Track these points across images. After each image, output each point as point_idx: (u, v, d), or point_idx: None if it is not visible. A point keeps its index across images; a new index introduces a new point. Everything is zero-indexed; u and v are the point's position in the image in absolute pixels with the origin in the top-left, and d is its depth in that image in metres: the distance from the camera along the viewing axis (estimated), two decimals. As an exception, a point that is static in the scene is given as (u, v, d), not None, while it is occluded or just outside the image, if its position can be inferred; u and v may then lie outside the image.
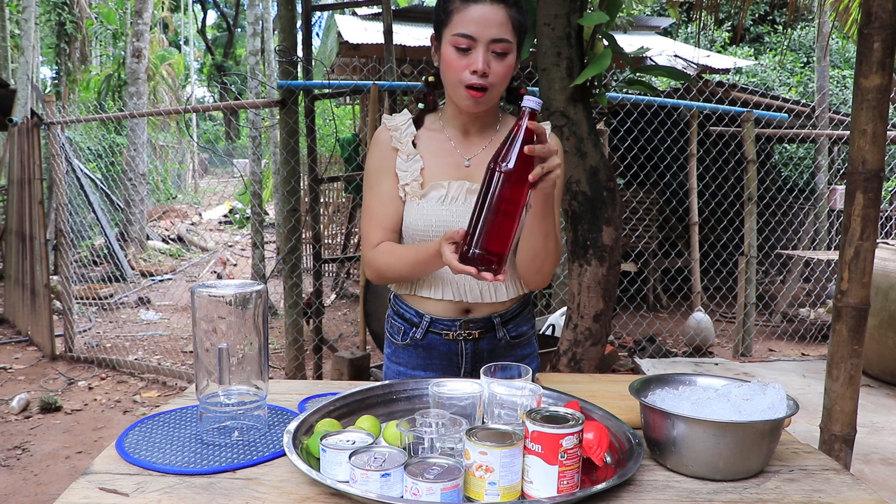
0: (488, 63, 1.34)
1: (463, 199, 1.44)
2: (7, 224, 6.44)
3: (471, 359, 1.52)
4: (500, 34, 1.34)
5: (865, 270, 1.65)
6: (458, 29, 1.34)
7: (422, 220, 1.44)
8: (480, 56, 1.33)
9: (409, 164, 1.46)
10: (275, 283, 6.57)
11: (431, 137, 1.49)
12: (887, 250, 4.28)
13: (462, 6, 1.34)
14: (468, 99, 1.37)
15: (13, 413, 4.05)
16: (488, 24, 1.33)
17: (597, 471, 1.06)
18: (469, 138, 1.49)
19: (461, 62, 1.35)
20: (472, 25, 1.33)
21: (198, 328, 1.19)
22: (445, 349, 1.51)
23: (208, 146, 19.68)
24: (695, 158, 5.27)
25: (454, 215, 1.43)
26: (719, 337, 5.71)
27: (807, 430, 2.41)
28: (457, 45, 1.35)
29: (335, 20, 7.54)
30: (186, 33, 22.53)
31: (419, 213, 1.45)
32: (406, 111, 1.53)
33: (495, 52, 1.35)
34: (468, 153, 1.48)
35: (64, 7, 13.80)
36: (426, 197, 1.45)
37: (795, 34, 12.36)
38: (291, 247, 3.98)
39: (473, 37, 1.33)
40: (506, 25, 1.34)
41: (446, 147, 1.48)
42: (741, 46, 12.50)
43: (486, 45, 1.34)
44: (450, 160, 1.47)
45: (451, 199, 1.44)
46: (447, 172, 1.46)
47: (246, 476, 1.06)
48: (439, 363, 1.52)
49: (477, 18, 1.33)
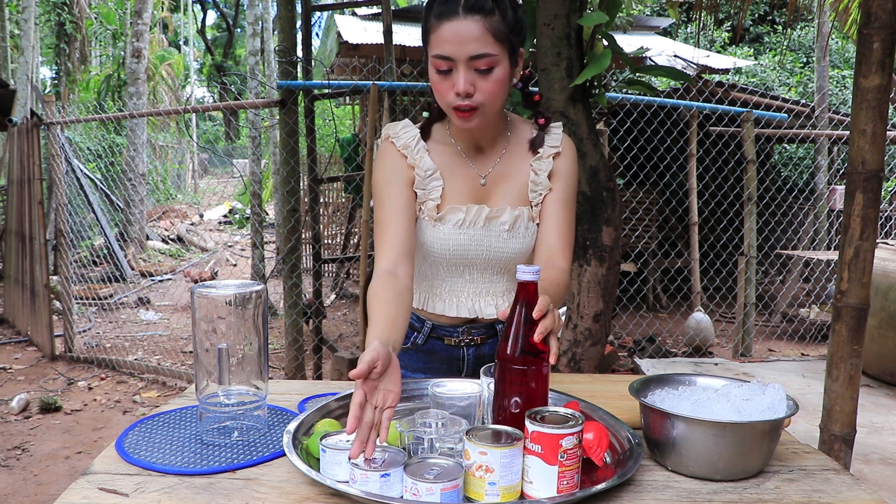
0: (471, 83, 1.24)
1: (481, 224, 1.38)
2: (7, 224, 6.44)
3: (472, 364, 1.50)
4: (478, 50, 1.22)
5: (865, 270, 1.65)
6: (436, 50, 1.25)
7: (438, 243, 1.39)
8: (462, 77, 1.24)
9: (429, 183, 1.38)
10: (275, 283, 6.57)
11: (444, 152, 1.41)
12: (887, 250, 4.28)
13: (436, 24, 1.24)
14: (459, 120, 1.30)
15: (13, 413, 4.05)
16: (463, 41, 1.22)
17: (597, 471, 1.06)
18: (482, 151, 1.41)
19: (444, 84, 1.27)
20: (448, 45, 1.23)
21: (198, 328, 1.19)
22: (447, 354, 1.50)
23: (208, 146, 19.67)
24: (694, 158, 5.27)
25: (471, 240, 1.38)
26: (719, 337, 5.71)
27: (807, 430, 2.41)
28: (438, 68, 1.26)
29: (335, 20, 7.55)
30: (186, 33, 22.54)
31: (435, 236, 1.39)
32: (408, 122, 1.43)
33: (478, 70, 1.24)
34: (483, 170, 1.41)
35: (64, 7, 13.80)
36: (443, 220, 1.38)
37: (795, 34, 12.36)
38: (291, 247, 3.98)
39: (450, 57, 1.23)
40: (484, 38, 1.22)
41: (461, 163, 1.40)
42: (741, 46, 12.50)
43: (467, 64, 1.23)
44: (466, 180, 1.40)
45: (468, 223, 1.38)
46: (464, 194, 1.39)
47: (246, 476, 1.06)
48: (440, 367, 1.51)
49: (451, 37, 1.22)
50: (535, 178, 1.39)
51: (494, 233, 1.39)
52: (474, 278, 1.44)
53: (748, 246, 4.85)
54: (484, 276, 1.44)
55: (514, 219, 1.38)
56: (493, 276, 1.44)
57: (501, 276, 1.45)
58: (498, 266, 1.43)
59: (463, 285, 1.45)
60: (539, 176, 1.39)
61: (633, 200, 6.33)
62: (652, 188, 6.72)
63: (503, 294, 1.46)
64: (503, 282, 1.46)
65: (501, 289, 1.46)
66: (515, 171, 1.41)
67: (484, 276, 1.44)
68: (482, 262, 1.41)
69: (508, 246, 1.40)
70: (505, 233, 1.39)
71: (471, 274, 1.44)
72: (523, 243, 1.41)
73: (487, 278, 1.44)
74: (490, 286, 1.45)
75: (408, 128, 1.41)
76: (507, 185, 1.41)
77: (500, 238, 1.39)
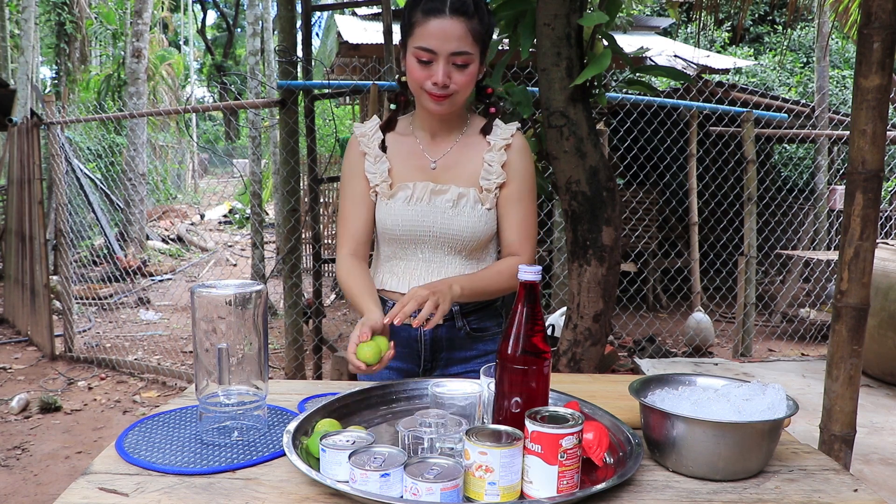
0: (448, 75, 1.39)
1: (427, 199, 1.50)
2: (7, 224, 6.44)
3: (430, 346, 1.57)
4: (459, 48, 1.38)
5: (865, 270, 1.65)
6: (420, 42, 1.39)
7: (390, 219, 1.52)
8: (441, 69, 1.38)
9: (377, 166, 1.53)
10: (275, 283, 6.57)
11: (400, 140, 1.56)
12: (887, 250, 4.28)
13: (423, 20, 1.38)
14: (431, 102, 1.43)
15: (13, 413, 4.05)
16: (448, 38, 1.37)
17: (597, 471, 1.06)
18: (436, 140, 1.54)
19: (422, 73, 1.41)
20: (432, 40, 1.37)
21: (198, 328, 1.19)
22: (406, 335, 1.55)
23: (208, 146, 19.67)
24: (694, 158, 5.27)
25: (419, 215, 1.50)
26: (719, 337, 5.71)
27: (807, 430, 2.41)
28: (419, 58, 1.40)
29: (335, 20, 7.55)
30: (186, 33, 22.53)
31: (387, 213, 1.52)
32: (375, 117, 1.60)
33: (455, 64, 1.40)
34: (434, 155, 1.54)
35: (64, 7, 13.79)
36: (394, 197, 1.52)
37: (795, 34, 12.36)
38: (291, 247, 3.98)
39: (434, 50, 1.38)
40: (465, 38, 1.38)
41: (414, 150, 1.55)
42: (741, 46, 12.50)
43: (447, 59, 1.38)
44: (417, 162, 1.54)
45: (416, 199, 1.50)
46: (413, 174, 1.53)
47: (246, 476, 1.06)
48: (401, 350, 1.56)
49: (436, 33, 1.37)
50: (489, 168, 1.51)
51: (440, 208, 1.50)
52: (427, 257, 1.54)
53: (748, 246, 4.85)
54: (436, 256, 1.54)
55: (458, 196, 1.50)
56: (445, 257, 1.54)
57: (454, 258, 1.54)
58: (447, 245, 1.52)
59: (417, 264, 1.55)
60: (493, 166, 1.51)
61: (633, 200, 6.33)
62: (652, 188, 6.72)
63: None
64: (456, 263, 1.54)
65: (454, 271, 1.54)
66: (465, 158, 1.53)
67: (436, 256, 1.54)
68: (431, 238, 1.52)
69: (454, 223, 1.50)
70: (450, 209, 1.50)
71: (423, 252, 1.54)
72: (468, 222, 1.50)
73: (440, 258, 1.54)
74: (442, 267, 1.54)
75: (372, 121, 1.58)
76: (457, 170, 1.53)
77: (445, 214, 1.50)
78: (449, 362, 1.59)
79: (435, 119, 1.51)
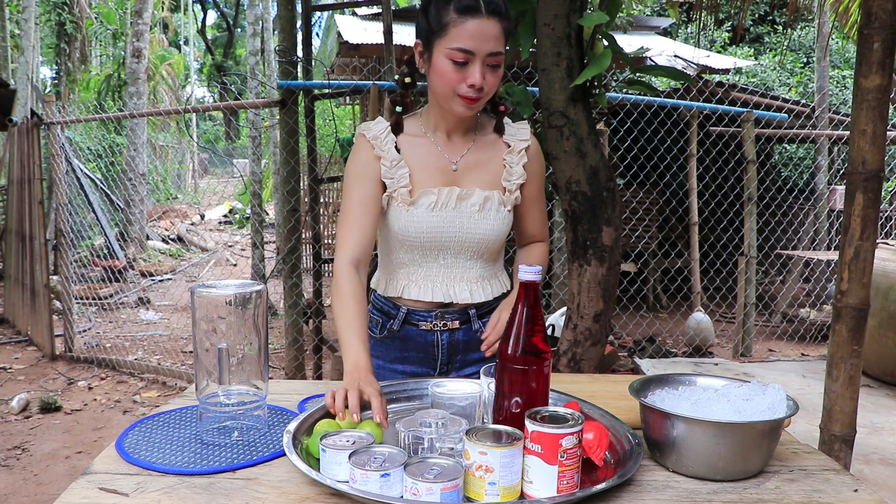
0: (484, 76, 1.35)
1: (453, 205, 1.46)
2: (7, 224, 6.44)
3: (447, 350, 1.55)
4: (496, 48, 1.34)
5: (865, 271, 1.65)
6: (456, 43, 1.33)
7: (412, 226, 1.45)
8: (478, 71, 1.34)
9: (395, 171, 1.45)
10: (275, 283, 6.56)
11: (415, 143, 1.49)
12: (887, 250, 4.28)
13: (459, 20, 1.32)
14: (462, 106, 1.38)
15: (13, 413, 4.05)
16: (486, 38, 1.33)
17: (597, 471, 1.06)
18: (453, 140, 1.50)
19: (457, 75, 1.35)
20: (471, 41, 1.32)
21: (198, 328, 1.19)
22: (422, 340, 1.53)
23: (208, 146, 19.67)
24: (695, 158, 5.27)
25: (444, 221, 1.46)
26: (719, 337, 5.71)
27: (807, 430, 2.41)
28: (454, 59, 1.34)
29: (335, 20, 7.54)
30: (186, 33, 22.53)
31: (410, 220, 1.45)
32: (381, 119, 1.51)
33: (490, 65, 1.36)
34: (454, 156, 1.49)
35: (64, 7, 13.79)
36: (416, 204, 1.45)
37: (795, 34, 12.36)
38: (291, 247, 3.98)
39: (472, 51, 1.33)
40: (500, 39, 1.35)
41: (432, 151, 1.49)
42: (741, 46, 12.50)
43: (483, 59, 1.34)
44: (437, 165, 1.48)
45: (441, 205, 1.45)
46: (435, 177, 1.47)
47: (246, 476, 1.06)
48: (416, 355, 1.55)
49: (474, 33, 1.32)
50: (510, 170, 1.51)
51: (466, 213, 1.47)
52: (448, 263, 1.51)
53: (748, 246, 4.85)
54: (458, 261, 1.51)
55: (484, 199, 1.47)
56: (467, 262, 1.51)
57: (475, 262, 1.52)
58: (471, 249, 1.50)
59: (437, 270, 1.51)
60: (514, 168, 1.51)
61: (633, 200, 6.33)
62: (652, 188, 6.72)
63: (477, 280, 1.53)
64: (477, 267, 1.52)
65: (475, 275, 1.52)
66: (486, 158, 1.51)
67: (458, 261, 1.51)
68: (456, 244, 1.48)
69: (479, 227, 1.47)
70: (476, 213, 1.47)
71: (445, 258, 1.50)
72: (493, 225, 1.48)
73: (461, 263, 1.51)
74: (464, 271, 1.51)
75: (379, 122, 1.50)
76: (479, 170, 1.50)
77: (471, 219, 1.47)
78: (464, 364, 1.58)
79: (451, 119, 1.46)
